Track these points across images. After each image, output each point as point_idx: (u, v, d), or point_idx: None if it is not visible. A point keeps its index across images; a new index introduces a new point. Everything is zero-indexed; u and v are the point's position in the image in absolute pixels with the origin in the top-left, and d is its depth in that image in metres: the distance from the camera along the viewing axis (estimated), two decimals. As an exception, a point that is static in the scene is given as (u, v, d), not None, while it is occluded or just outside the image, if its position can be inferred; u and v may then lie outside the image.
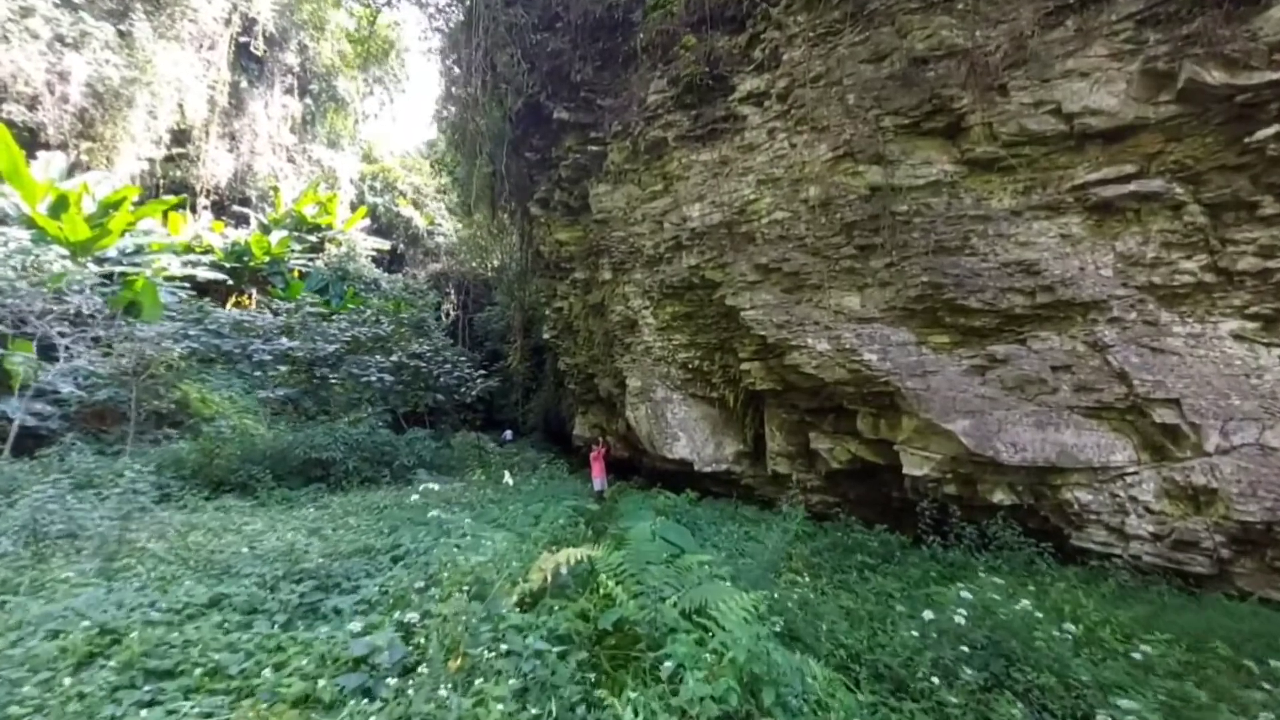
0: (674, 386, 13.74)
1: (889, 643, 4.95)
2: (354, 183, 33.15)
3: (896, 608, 5.94)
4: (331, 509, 9.39)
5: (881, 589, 6.78)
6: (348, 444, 13.24)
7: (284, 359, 14.16)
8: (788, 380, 11.02)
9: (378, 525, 7.71)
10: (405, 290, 27.93)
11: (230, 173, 28.41)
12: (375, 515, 8.54)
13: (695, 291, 12.43)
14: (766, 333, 10.66)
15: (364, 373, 15.14)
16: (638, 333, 14.22)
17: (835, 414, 10.90)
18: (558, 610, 3.79)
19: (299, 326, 14.98)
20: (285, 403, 20.51)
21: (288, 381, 15.01)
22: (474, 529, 6.68)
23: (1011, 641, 4.86)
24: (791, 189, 10.42)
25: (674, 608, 3.95)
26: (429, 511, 7.68)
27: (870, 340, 9.41)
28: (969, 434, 8.56)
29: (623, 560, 4.65)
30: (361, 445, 13.32)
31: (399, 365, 15.81)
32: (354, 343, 15.42)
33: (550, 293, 18.56)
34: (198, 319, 13.77)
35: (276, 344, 13.43)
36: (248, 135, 28.78)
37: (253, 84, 28.90)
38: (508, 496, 10.12)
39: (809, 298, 10.28)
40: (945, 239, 8.84)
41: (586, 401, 19.04)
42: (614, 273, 14.81)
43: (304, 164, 31.29)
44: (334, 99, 32.19)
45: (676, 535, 5.35)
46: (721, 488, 13.92)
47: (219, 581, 4.85)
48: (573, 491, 12.02)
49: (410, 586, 4.08)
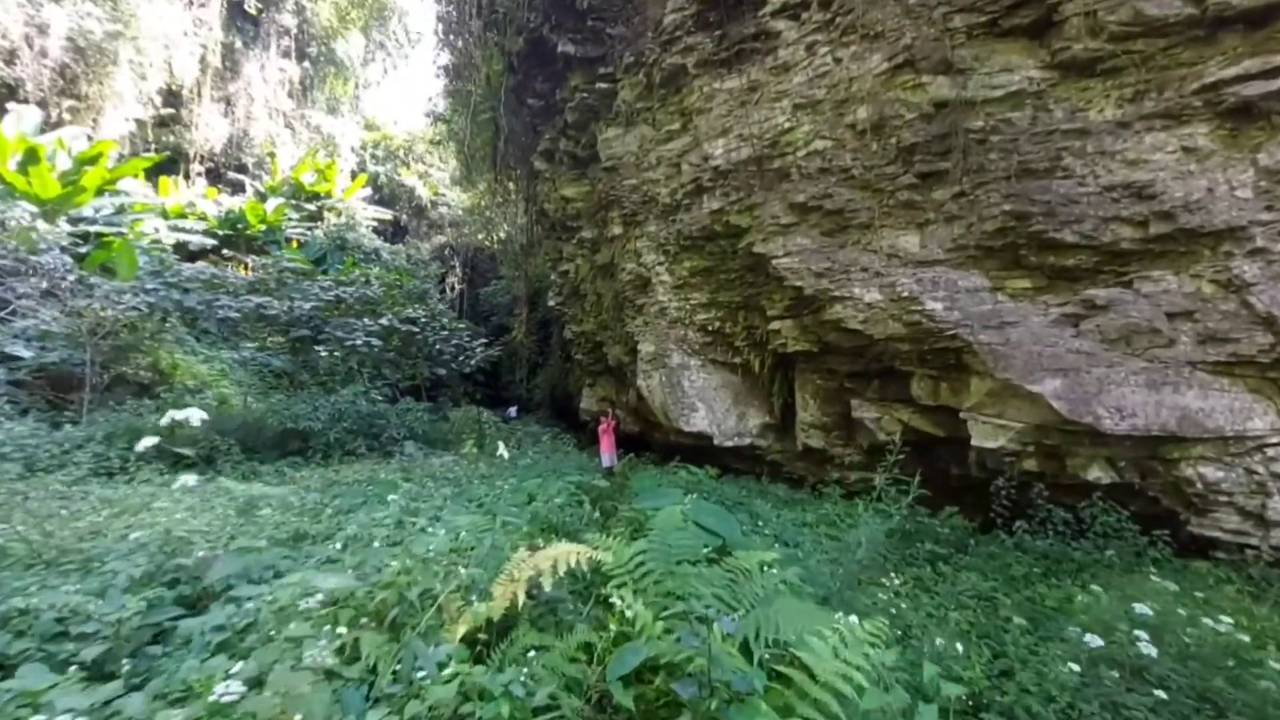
0: (691, 351, 12.06)
1: (1031, 678, 3.30)
2: (355, 151, 31.40)
3: (1011, 619, 4.29)
4: (293, 484, 7.82)
5: (976, 590, 5.13)
6: (330, 415, 11.67)
7: (256, 318, 12.57)
8: (826, 340, 9.32)
9: (331, 504, 6.13)
10: (407, 261, 26.26)
11: (225, 138, 26.75)
12: (334, 492, 6.94)
13: (717, 242, 10.70)
14: (803, 283, 8.94)
15: (349, 336, 13.53)
16: (651, 292, 12.53)
17: (882, 378, 9.20)
18: (536, 655, 2.19)
19: (275, 284, 13.38)
20: (280, 375, 19.04)
21: (265, 344, 13.43)
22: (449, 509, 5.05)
23: (1215, 679, 3.21)
24: (835, 113, 8.65)
25: (732, 642, 2.31)
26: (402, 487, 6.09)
27: (933, 286, 7.68)
28: (1061, 396, 6.84)
29: (644, 557, 3.02)
30: (345, 416, 11.75)
31: (389, 330, 14.15)
32: (338, 304, 13.83)
33: (556, 255, 16.86)
34: (156, 271, 12.21)
35: (245, 301, 11.85)
36: (243, 99, 27.05)
37: (248, 45, 27.12)
38: (501, 471, 8.56)
39: (855, 240, 8.54)
40: (1031, 160, 7.08)
41: (594, 372, 17.40)
42: (625, 226, 13.10)
43: (302, 131, 29.56)
44: (333, 63, 30.32)
45: (716, 519, 3.75)
46: (743, 464, 12.28)
47: (44, 584, 3.30)
48: (577, 466, 10.45)
49: (292, 608, 2.50)
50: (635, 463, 11.11)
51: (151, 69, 22.97)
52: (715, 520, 3.71)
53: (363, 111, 34.20)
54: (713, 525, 3.63)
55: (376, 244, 26.16)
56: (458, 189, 31.51)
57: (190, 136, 25.40)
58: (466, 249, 32.88)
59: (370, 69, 35.22)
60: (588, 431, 19.23)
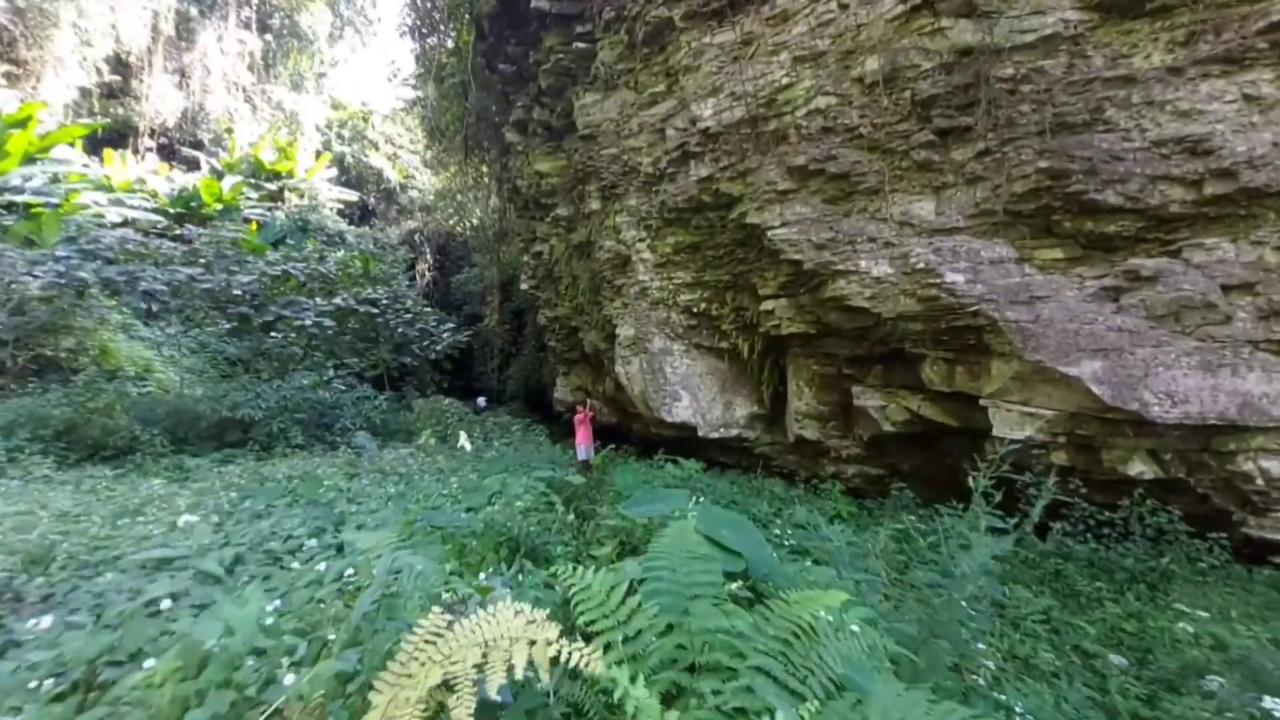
0: (674, 335, 11.01)
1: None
2: (320, 129, 29.66)
3: (1102, 656, 3.30)
4: (209, 482, 6.57)
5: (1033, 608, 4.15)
6: (276, 403, 10.37)
7: (190, 293, 11.12)
8: (825, 321, 8.33)
9: (236, 510, 4.93)
10: (374, 245, 24.76)
11: (179, 112, 24.91)
12: (251, 492, 5.72)
13: (704, 214, 9.65)
14: (801, 257, 7.94)
15: (296, 315, 12.14)
16: (631, 271, 11.44)
17: (887, 363, 8.25)
18: None
19: (212, 255, 11.92)
20: (235, 362, 17.57)
21: (203, 324, 11.98)
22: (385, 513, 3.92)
23: None
24: (840, 65, 7.66)
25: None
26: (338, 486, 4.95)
27: (953, 257, 6.73)
28: (1101, 380, 5.93)
29: (642, 595, 1.94)
30: (293, 405, 10.46)
31: (345, 311, 12.77)
32: (285, 280, 12.43)
33: (529, 236, 15.65)
34: (71, 238, 10.72)
35: (174, 273, 10.43)
36: (198, 71, 25.22)
37: (204, 14, 25.27)
38: (462, 465, 7.43)
39: (862, 207, 7.56)
40: (1068, 112, 6.15)
41: (569, 360, 16.26)
42: (603, 201, 11.98)
43: (263, 107, 27.76)
44: (297, 36, 28.54)
45: (734, 532, 2.67)
46: (729, 457, 11.28)
47: None
48: (549, 460, 9.34)
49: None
50: (614, 456, 10.00)
51: (97, 34, 21.11)
52: (733, 533, 2.66)
53: (329, 90, 32.41)
54: (730, 541, 2.60)
55: (341, 226, 24.60)
56: (429, 172, 30.01)
57: (140, 108, 23.53)
58: (437, 235, 31.39)
59: (338, 47, 33.43)
60: (562, 423, 18.09)
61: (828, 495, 7.95)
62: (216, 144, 25.84)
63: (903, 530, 6.30)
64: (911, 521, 6.45)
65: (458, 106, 17.96)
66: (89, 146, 22.95)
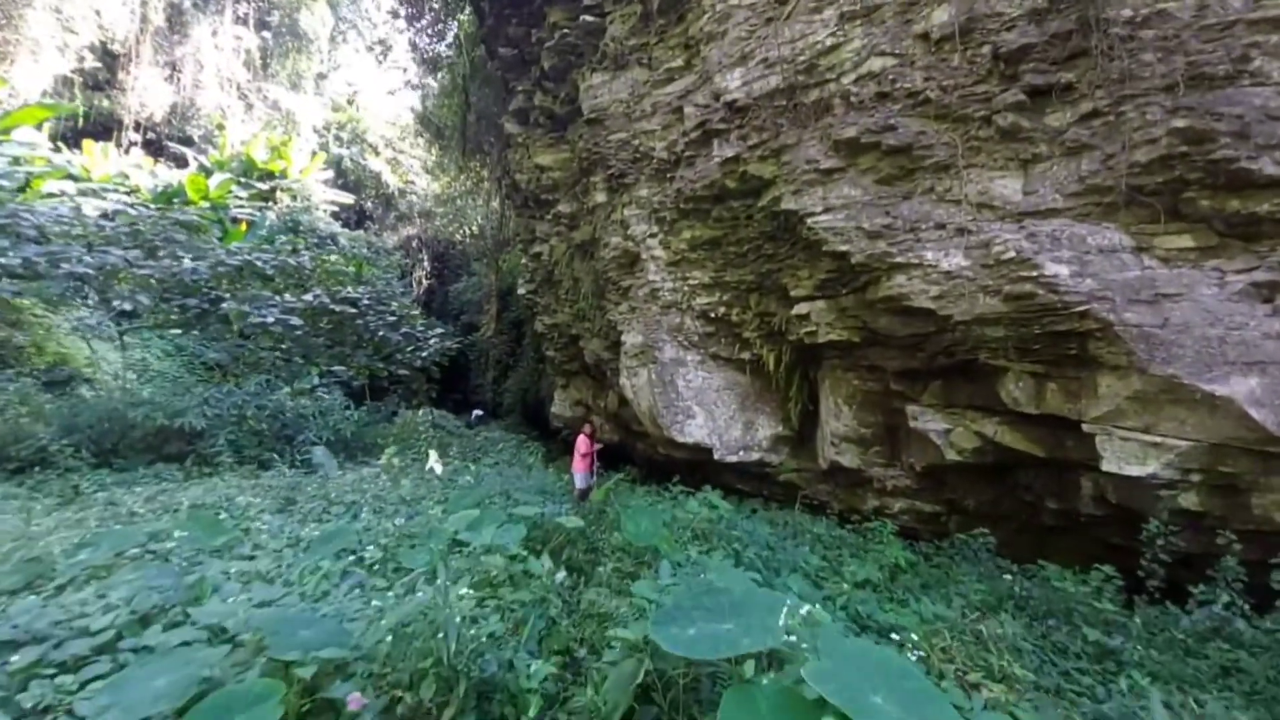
0: (688, 344, 9.59)
1: None
2: (317, 131, 28.47)
3: None
4: (72, 511, 5.11)
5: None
6: (226, 411, 8.92)
7: (130, 280, 9.64)
8: (874, 326, 6.92)
9: (99, 556, 3.51)
10: (368, 249, 23.42)
11: (168, 106, 23.72)
12: (96, 540, 4.24)
13: (727, 203, 8.28)
14: (849, 248, 6.54)
15: (256, 310, 10.63)
16: (640, 271, 10.05)
17: (947, 377, 6.82)
18: None
19: (159, 238, 10.44)
20: (212, 368, 16.17)
21: (161, 319, 10.46)
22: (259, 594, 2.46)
23: None
24: (899, 19, 6.33)
25: None
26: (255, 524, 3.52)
27: (1053, 244, 5.33)
28: (1261, 402, 4.51)
29: None
30: (244, 415, 8.99)
31: (317, 309, 11.28)
32: (249, 271, 10.97)
33: (528, 236, 14.29)
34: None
35: (104, 254, 8.98)
36: (190, 65, 24.08)
37: (198, 6, 24.18)
38: (430, 493, 5.99)
39: (927, 186, 6.17)
40: (1205, 62, 4.79)
41: (568, 372, 14.81)
42: (609, 193, 10.63)
43: (259, 105, 26.60)
44: (296, 35, 27.46)
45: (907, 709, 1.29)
46: (748, 484, 9.81)
47: None
48: (539, 488, 7.85)
49: None
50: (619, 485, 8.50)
51: (80, 19, 19.94)
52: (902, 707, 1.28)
53: (330, 94, 31.32)
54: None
55: (334, 228, 23.27)
56: (428, 177, 28.81)
57: (125, 101, 22.32)
58: (436, 242, 30.12)
59: (341, 50, 32.44)
60: (559, 440, 16.61)
61: (877, 538, 6.47)
62: (207, 141, 24.62)
63: (992, 593, 4.82)
64: (1004, 583, 4.97)
65: (456, 99, 16.74)
66: (69, 139, 21.78)
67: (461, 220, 27.05)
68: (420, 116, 21.65)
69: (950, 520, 7.21)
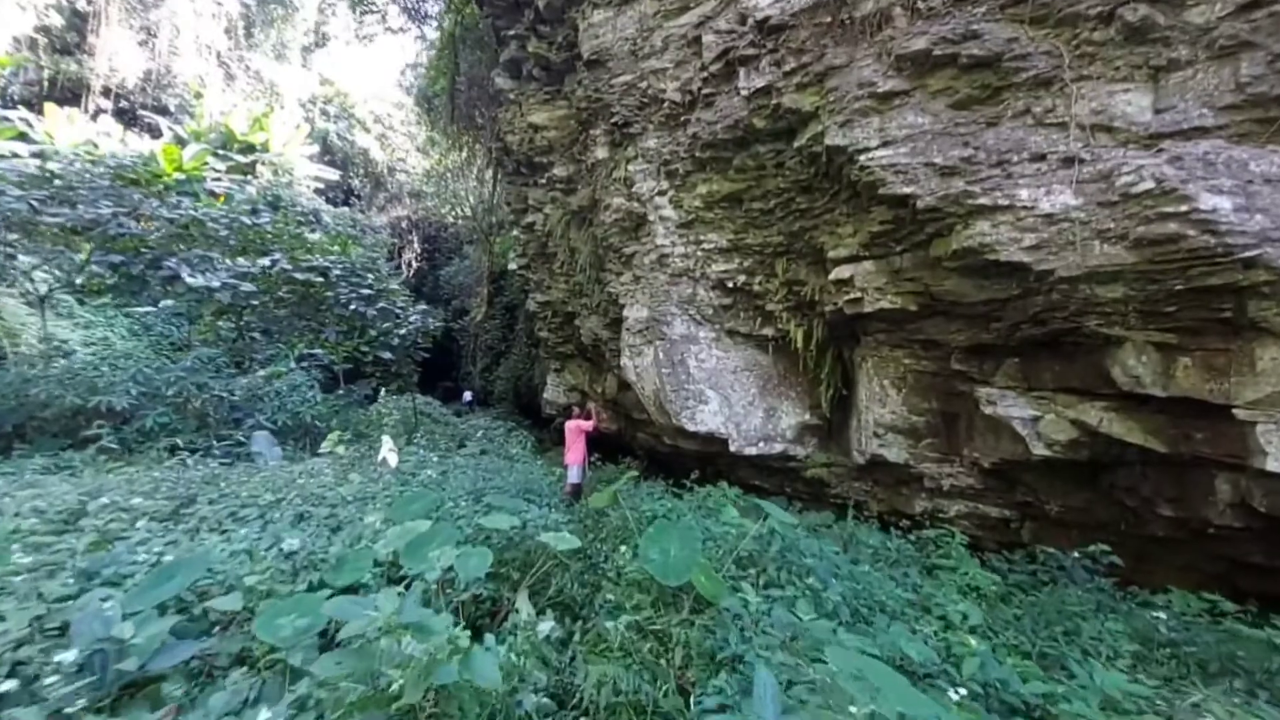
0: (702, 318, 8.22)
1: None
2: (303, 104, 26.81)
3: None
4: None
5: None
6: (162, 389, 7.50)
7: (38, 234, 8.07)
8: (939, 290, 5.56)
9: None
10: (353, 226, 21.90)
11: (141, 72, 22.06)
12: None
13: (753, 148, 6.89)
14: (915, 190, 5.17)
15: (200, 273, 9.10)
16: (645, 235, 8.66)
17: (1028, 352, 5.47)
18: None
19: (82, 184, 8.87)
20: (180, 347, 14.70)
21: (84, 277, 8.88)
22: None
23: None
24: (984, -102, 4.94)
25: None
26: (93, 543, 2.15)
27: (1206, 171, 3.96)
28: None
29: None
30: (181, 392, 7.56)
31: (274, 275, 9.73)
32: (197, 229, 9.47)
33: (519, 205, 12.85)
34: None
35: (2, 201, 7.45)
36: (166, 29, 22.41)
37: (175, -32, 22.48)
38: (380, 493, 4.63)
39: (1022, 108, 4.80)
40: None
41: (563, 355, 13.41)
42: (612, 148, 9.23)
43: (240, 75, 24.93)
44: (281, 2, 25.76)
45: None
46: (769, 480, 8.47)
47: None
48: (522, 484, 6.44)
49: None
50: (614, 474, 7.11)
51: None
52: None
53: (318, 68, 29.60)
54: None
55: (318, 204, 21.72)
56: (419, 155, 27.24)
57: (93, 64, 20.67)
58: (427, 224, 28.58)
59: (331, 24, 30.71)
60: (553, 430, 15.23)
61: (941, 551, 5.13)
62: (184, 111, 22.97)
63: (1135, 636, 3.48)
64: (1143, 621, 3.63)
65: (445, 60, 15.26)
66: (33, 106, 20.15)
67: (453, 201, 25.50)
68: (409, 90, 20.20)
69: (1023, 528, 5.89)
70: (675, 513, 4.68)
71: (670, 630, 2.32)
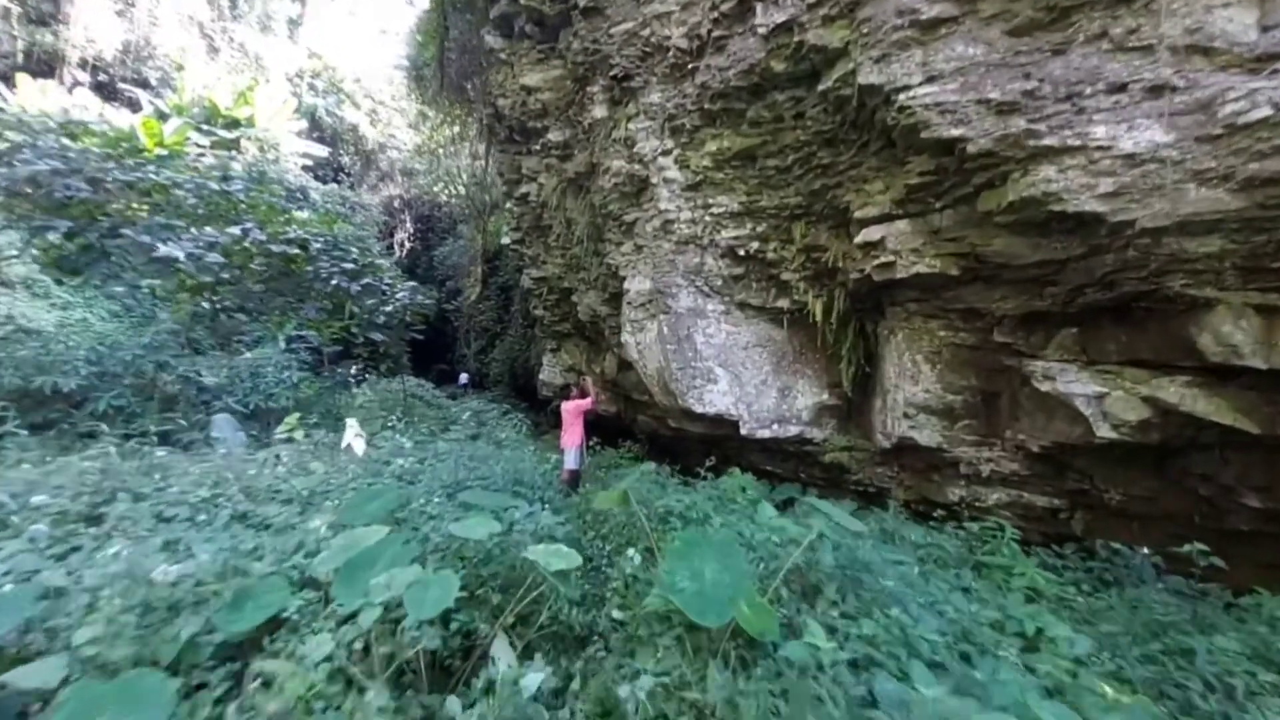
0: (710, 289, 7.49)
1: None
2: (290, 79, 25.72)
3: None
4: None
5: None
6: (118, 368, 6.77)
7: None
8: (987, 250, 4.84)
9: None
10: (343, 204, 21.00)
11: (120, 44, 21.01)
12: None
13: (769, 97, 6.13)
14: (965, 131, 4.43)
15: (161, 242, 8.25)
16: (648, 200, 7.90)
17: (1087, 322, 4.77)
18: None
19: (27, 145, 8.01)
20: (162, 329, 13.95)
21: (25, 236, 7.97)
22: None
23: None
24: None
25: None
26: None
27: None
28: None
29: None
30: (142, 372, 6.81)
31: (248, 247, 8.86)
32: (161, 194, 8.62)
33: (512, 175, 12.02)
34: None
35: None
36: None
37: (153, -67, 21.32)
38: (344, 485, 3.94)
39: (1096, 30, 4.04)
40: None
41: (559, 334, 12.69)
42: (611, 105, 8.44)
43: (225, 49, 23.84)
44: (266, -29, 24.61)
45: None
46: (782, 466, 7.80)
47: None
48: (511, 473, 5.69)
49: None
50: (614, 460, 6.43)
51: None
52: None
53: (306, 42, 28.39)
54: None
55: (304, 181, 20.81)
56: (411, 132, 26.20)
57: (69, 34, 19.62)
58: (420, 203, 27.63)
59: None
60: (550, 413, 14.54)
61: (989, 546, 4.46)
62: (165, 85, 21.95)
63: (1255, 654, 2.81)
64: (1261, 636, 2.97)
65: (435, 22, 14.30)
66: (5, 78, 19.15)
67: (447, 179, 24.55)
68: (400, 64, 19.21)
69: (1074, 519, 5.23)
70: (695, 509, 3.96)
71: (711, 702, 1.63)
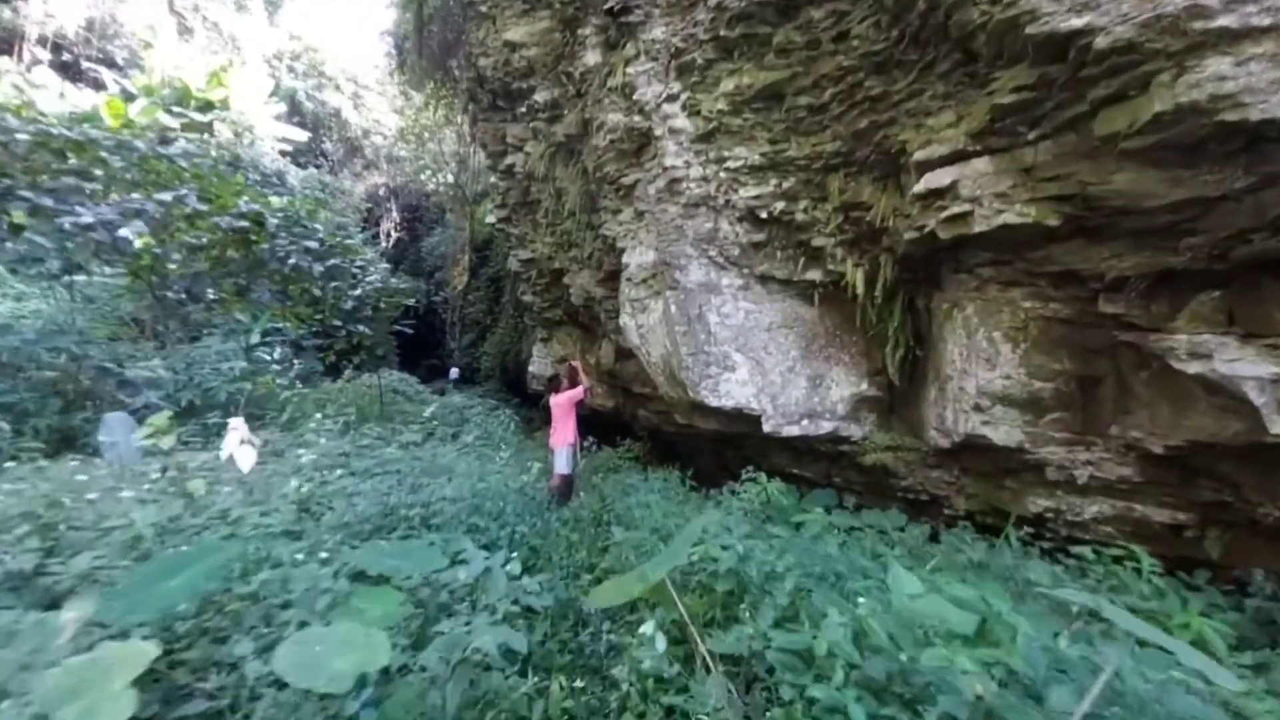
0: (726, 260, 6.25)
1: None
2: (268, 61, 24.25)
3: None
4: None
5: None
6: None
7: None
8: (1102, 191, 3.62)
9: None
10: (323, 189, 19.65)
11: (82, 20, 19.58)
12: None
13: (800, 16, 4.91)
14: (1089, 21, 3.21)
15: (65, 205, 6.90)
16: (650, 157, 6.64)
17: (1234, 284, 3.56)
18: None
19: None
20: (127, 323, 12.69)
21: None
22: None
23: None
24: None
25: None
26: None
27: None
28: None
29: None
30: (40, 364, 5.54)
31: (185, 216, 7.45)
32: (75, 150, 7.32)
33: (497, 145, 10.73)
34: None
35: None
36: (109, -29, 19.86)
37: (117, -97, 19.86)
38: (194, 528, 2.75)
39: None
40: None
41: (550, 321, 11.43)
42: (606, 50, 7.18)
43: (199, 28, 22.40)
44: (239, -54, 23.15)
45: None
46: (812, 469, 6.57)
47: None
48: (479, 489, 4.47)
49: None
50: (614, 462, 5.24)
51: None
52: None
53: (283, 24, 26.92)
54: None
55: (281, 166, 19.43)
56: (396, 117, 24.80)
57: (28, 10, 18.18)
58: (406, 192, 26.26)
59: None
60: (542, 408, 13.33)
61: (1112, 583, 3.26)
62: (133, 65, 20.51)
63: None
64: None
65: None
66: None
67: (433, 165, 23.20)
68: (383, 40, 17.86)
69: (1208, 538, 4.02)
70: (785, 568, 2.60)
71: None
